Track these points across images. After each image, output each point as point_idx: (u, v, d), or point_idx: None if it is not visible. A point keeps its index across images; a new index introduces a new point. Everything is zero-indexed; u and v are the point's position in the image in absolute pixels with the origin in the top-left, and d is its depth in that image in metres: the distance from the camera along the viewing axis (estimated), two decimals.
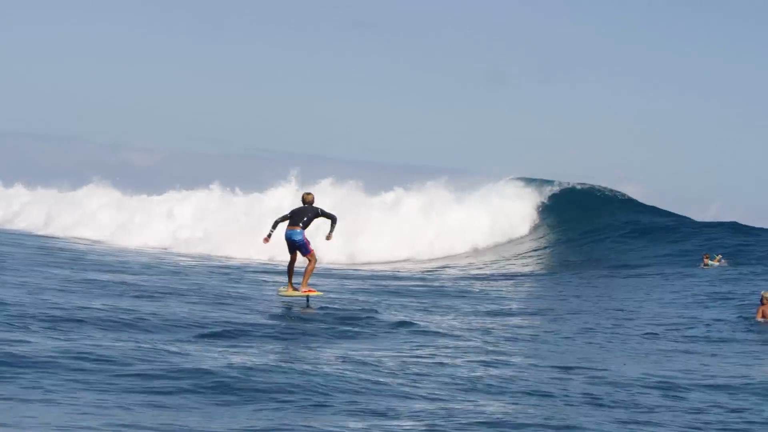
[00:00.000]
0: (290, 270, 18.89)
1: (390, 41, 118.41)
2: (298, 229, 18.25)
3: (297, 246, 18.43)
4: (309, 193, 18.83)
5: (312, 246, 18.63)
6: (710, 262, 31.04)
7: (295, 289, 18.93)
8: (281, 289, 19.56)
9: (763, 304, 18.51)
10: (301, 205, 18.65)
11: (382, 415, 9.43)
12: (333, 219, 18.45)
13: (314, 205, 18.66)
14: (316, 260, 18.84)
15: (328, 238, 18.66)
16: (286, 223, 18.46)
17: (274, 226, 18.60)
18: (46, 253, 28.71)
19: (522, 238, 37.22)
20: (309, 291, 18.81)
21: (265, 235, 18.71)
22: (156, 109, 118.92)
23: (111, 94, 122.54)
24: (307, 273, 18.78)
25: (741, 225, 38.07)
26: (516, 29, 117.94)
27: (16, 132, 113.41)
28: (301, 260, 18.86)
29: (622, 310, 20.35)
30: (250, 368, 10.99)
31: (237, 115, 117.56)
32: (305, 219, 18.37)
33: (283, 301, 18.80)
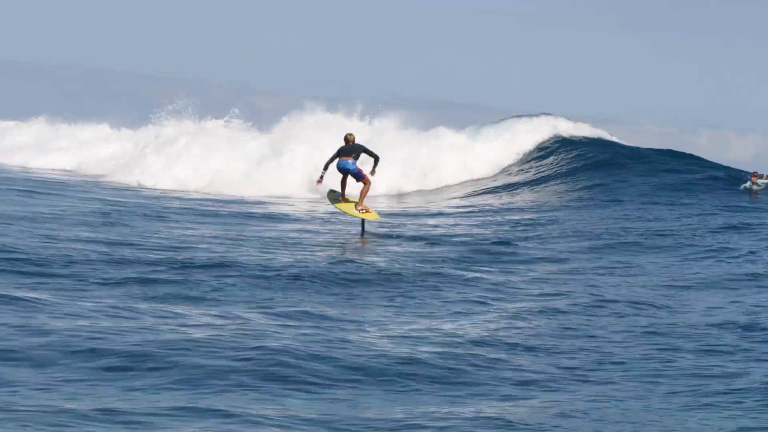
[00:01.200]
0: (343, 185, 20.24)
1: None
2: (351, 160, 19.70)
3: (351, 173, 19.85)
4: (351, 134, 20.25)
5: (365, 172, 19.88)
6: (760, 181, 29.87)
7: (348, 201, 20.38)
8: (334, 202, 20.81)
9: None
10: (344, 144, 19.93)
11: None
12: (376, 158, 19.85)
13: (357, 143, 20.01)
14: (370, 183, 20.05)
15: (372, 173, 19.95)
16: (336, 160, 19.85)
17: (326, 167, 19.88)
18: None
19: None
20: (366, 211, 20.07)
21: (318, 177, 20.16)
22: (280, 54, 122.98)
23: (237, 38, 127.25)
24: (362, 193, 20.00)
25: None
26: None
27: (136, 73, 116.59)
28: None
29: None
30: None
31: (360, 61, 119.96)
32: (353, 154, 19.77)
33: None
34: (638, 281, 14.81)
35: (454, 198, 30.80)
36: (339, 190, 20.53)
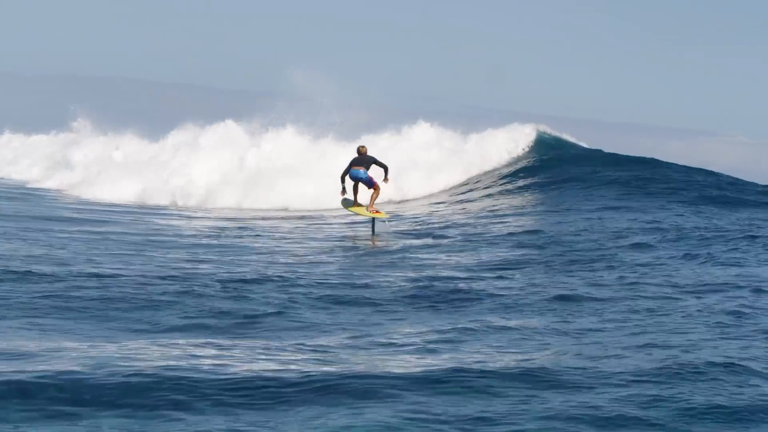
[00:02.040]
0: (355, 191, 22.43)
1: None
2: (362, 169, 22.01)
3: (363, 181, 22.09)
4: (363, 146, 22.48)
5: (376, 180, 22.15)
6: None
7: (360, 205, 22.57)
8: (348, 207, 22.92)
9: None
10: (357, 156, 22.20)
11: None
12: (385, 167, 22.06)
13: (368, 155, 22.23)
14: (380, 189, 22.36)
15: (386, 180, 22.17)
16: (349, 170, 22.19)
17: (342, 179, 22.31)
18: None
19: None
20: (376, 212, 22.40)
21: (341, 190, 22.46)
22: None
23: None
24: (373, 198, 22.31)
25: None
26: None
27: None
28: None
29: None
30: None
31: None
32: (364, 165, 22.05)
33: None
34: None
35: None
36: (352, 197, 22.70)
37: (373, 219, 22.55)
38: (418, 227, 23.37)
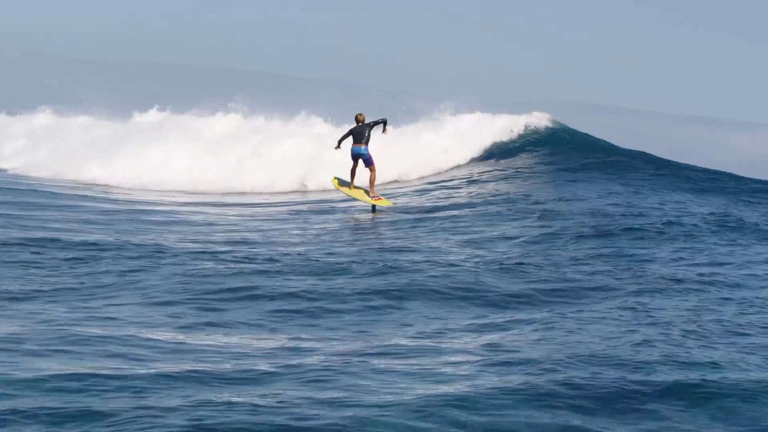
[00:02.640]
0: (353, 173, 22.46)
1: None
2: (363, 146, 21.90)
3: (363, 158, 22.02)
4: (361, 114, 21.99)
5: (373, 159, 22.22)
6: None
7: (357, 189, 22.67)
8: (341, 187, 22.82)
9: None
10: (356, 125, 21.97)
11: None
12: (384, 121, 22.00)
13: (366, 122, 21.95)
14: (376, 170, 22.30)
15: (384, 132, 22.24)
16: (350, 140, 21.94)
17: (339, 143, 22.08)
18: None
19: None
20: (379, 199, 22.34)
21: (335, 147, 22.22)
22: (440, 58, 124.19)
23: (399, 42, 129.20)
24: (372, 181, 22.39)
25: None
26: None
27: (305, 78, 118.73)
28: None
29: None
30: None
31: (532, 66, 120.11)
32: (366, 136, 21.86)
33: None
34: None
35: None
36: (340, 177, 23.04)
37: (374, 205, 22.29)
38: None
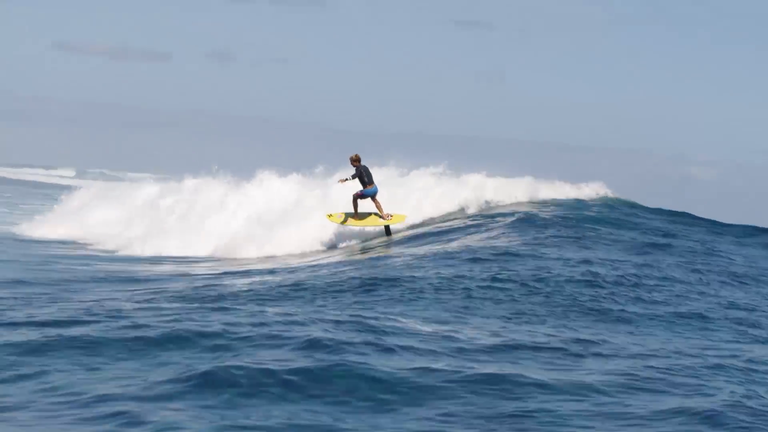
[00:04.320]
0: (357, 205, 24.03)
1: None
2: (375, 185, 23.94)
3: (375, 195, 23.97)
4: (357, 155, 23.84)
5: None
6: None
7: (365, 217, 24.26)
8: (351, 220, 24.26)
9: None
10: (360, 165, 23.85)
11: None
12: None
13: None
14: None
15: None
16: (356, 181, 23.86)
17: (346, 179, 23.93)
18: None
19: None
20: (392, 217, 24.31)
21: (344, 180, 24.03)
22: (720, 121, 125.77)
23: (677, 107, 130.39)
24: (379, 205, 24.13)
25: None
26: None
27: (558, 143, 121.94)
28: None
29: None
30: None
31: None
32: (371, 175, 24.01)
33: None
34: None
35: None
36: (336, 213, 24.36)
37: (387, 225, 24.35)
38: None
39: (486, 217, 25.51)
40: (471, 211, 27.32)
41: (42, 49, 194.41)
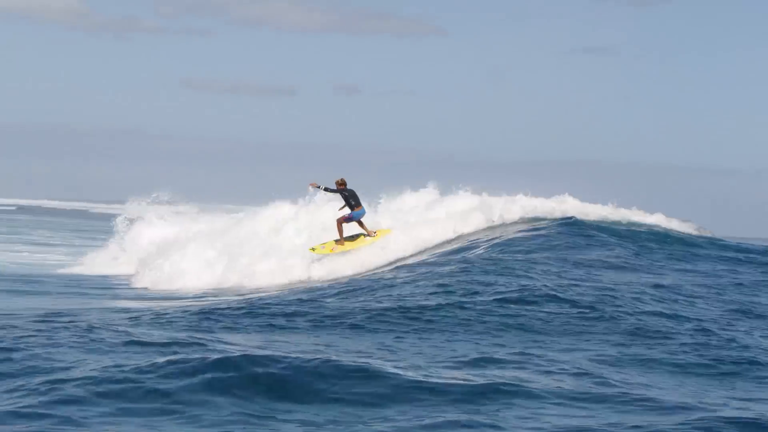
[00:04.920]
0: (342, 229, 23.83)
1: None
2: (362, 208, 23.92)
3: (362, 217, 24.01)
4: (343, 179, 23.68)
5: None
6: None
7: (353, 239, 24.04)
8: (338, 247, 23.82)
9: None
10: (346, 187, 23.66)
11: None
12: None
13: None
14: None
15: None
16: (343, 205, 23.78)
17: (326, 189, 23.65)
18: None
19: None
20: (376, 233, 24.26)
21: (316, 185, 23.72)
22: None
23: None
24: (363, 224, 24.16)
25: None
26: None
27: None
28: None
29: None
30: None
31: None
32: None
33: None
34: None
35: None
36: (319, 244, 23.98)
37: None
38: None
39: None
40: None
41: (170, 88, 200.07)
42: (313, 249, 23.98)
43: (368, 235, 24.14)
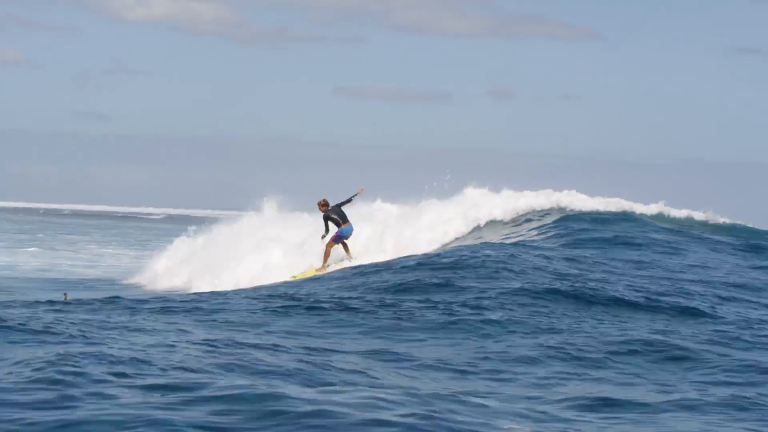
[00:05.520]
0: (346, 245, 23.72)
1: None
2: (350, 223, 23.56)
3: (351, 234, 23.67)
4: (325, 199, 23.50)
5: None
6: None
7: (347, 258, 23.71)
8: (321, 268, 23.23)
9: None
10: (333, 206, 23.42)
11: None
12: (354, 195, 23.88)
13: (338, 202, 23.55)
14: None
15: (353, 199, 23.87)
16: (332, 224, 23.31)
17: (326, 229, 23.28)
18: None
19: None
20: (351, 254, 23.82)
21: (324, 236, 23.27)
22: None
23: None
24: (348, 250, 23.82)
25: None
26: None
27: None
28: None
29: None
30: None
31: None
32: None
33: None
34: None
35: None
36: (299, 272, 23.46)
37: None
38: None
39: None
40: None
41: (323, 95, 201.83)
42: (294, 277, 23.12)
43: (349, 257, 23.72)
